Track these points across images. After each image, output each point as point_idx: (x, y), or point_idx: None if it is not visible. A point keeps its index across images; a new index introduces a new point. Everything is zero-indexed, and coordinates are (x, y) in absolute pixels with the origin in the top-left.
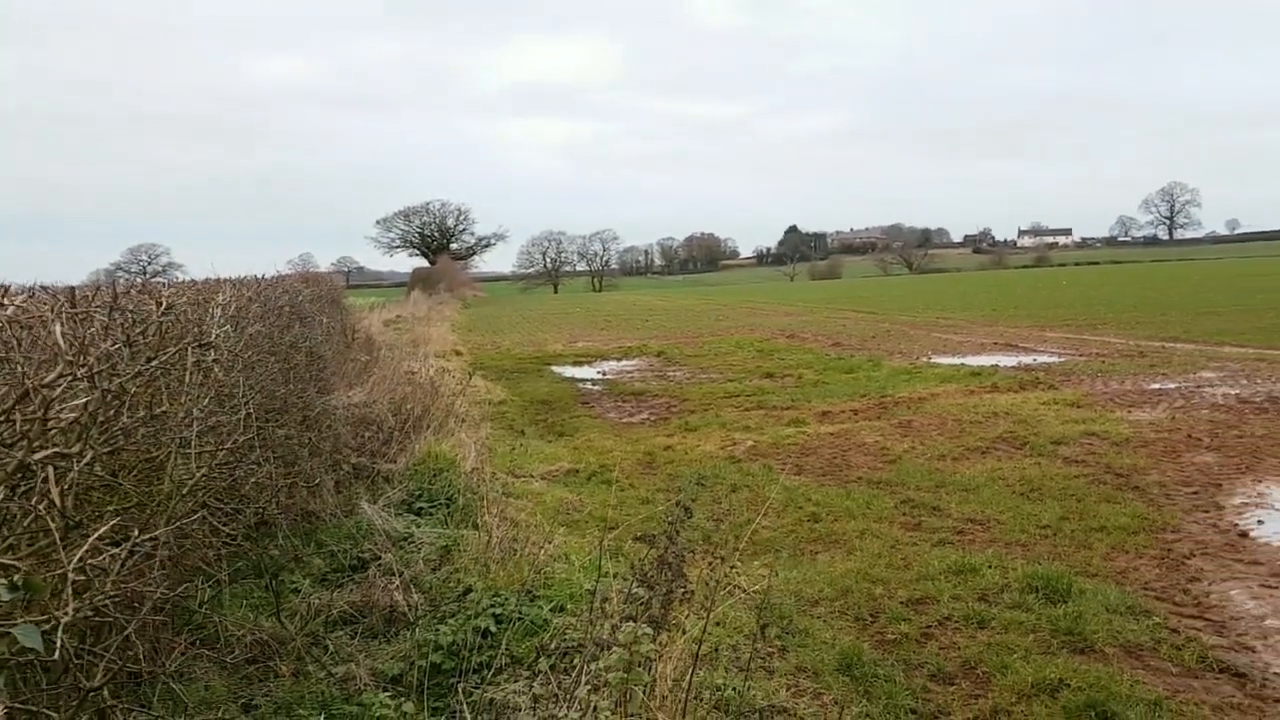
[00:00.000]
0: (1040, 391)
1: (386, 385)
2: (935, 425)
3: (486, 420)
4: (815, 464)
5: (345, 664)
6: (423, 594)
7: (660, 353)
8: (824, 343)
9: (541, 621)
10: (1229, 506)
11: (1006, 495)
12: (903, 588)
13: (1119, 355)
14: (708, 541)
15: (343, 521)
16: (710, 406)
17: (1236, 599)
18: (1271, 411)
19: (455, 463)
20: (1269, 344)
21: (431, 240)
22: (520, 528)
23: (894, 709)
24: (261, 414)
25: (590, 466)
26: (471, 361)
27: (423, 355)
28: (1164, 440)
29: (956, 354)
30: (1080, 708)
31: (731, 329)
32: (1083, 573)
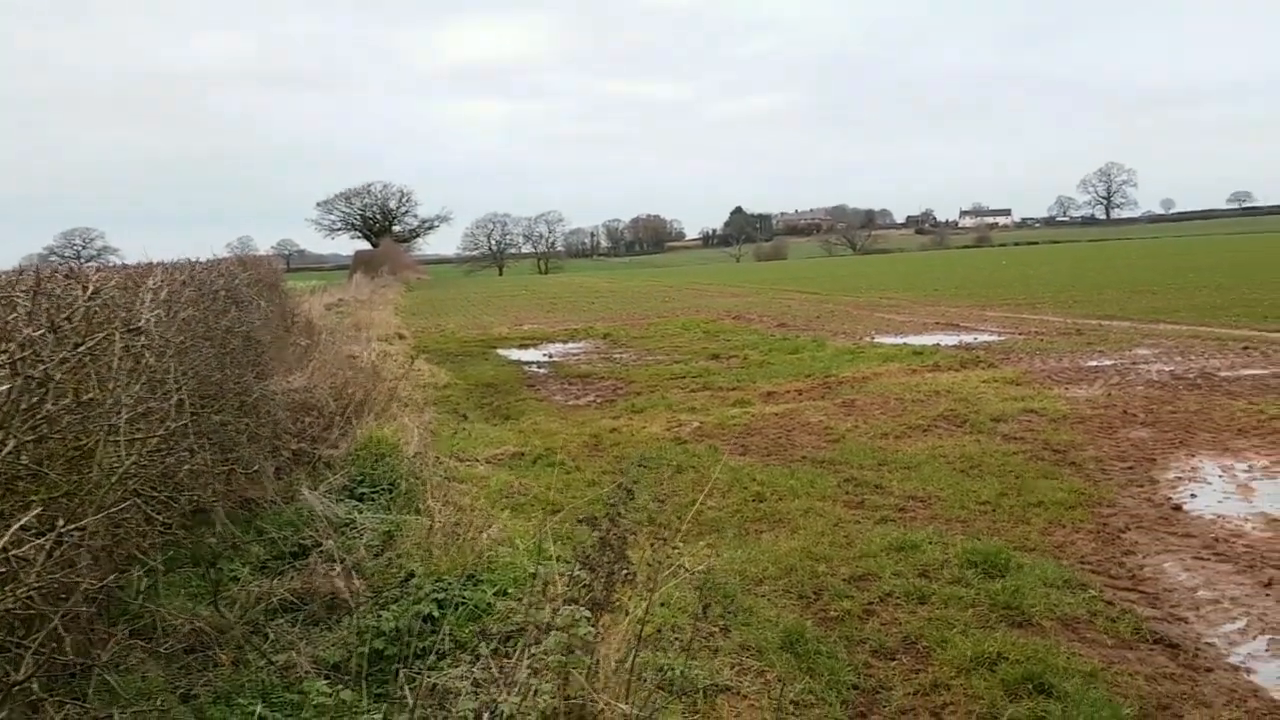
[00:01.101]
0: (980, 370)
1: (327, 370)
2: (878, 404)
3: (430, 404)
4: (760, 444)
5: (286, 652)
6: (365, 580)
7: (606, 335)
8: (769, 324)
9: (485, 606)
10: (1163, 481)
11: (947, 472)
12: (845, 565)
13: (1057, 333)
14: (652, 523)
15: (283, 508)
16: (656, 388)
17: (1170, 571)
18: (1204, 387)
19: (398, 447)
20: (1202, 321)
21: (374, 223)
22: (464, 512)
23: (836, 685)
24: (196, 400)
25: (536, 449)
26: (415, 345)
27: (365, 339)
28: (1100, 417)
29: (899, 334)
30: (1018, 680)
31: (678, 310)
32: (1021, 547)
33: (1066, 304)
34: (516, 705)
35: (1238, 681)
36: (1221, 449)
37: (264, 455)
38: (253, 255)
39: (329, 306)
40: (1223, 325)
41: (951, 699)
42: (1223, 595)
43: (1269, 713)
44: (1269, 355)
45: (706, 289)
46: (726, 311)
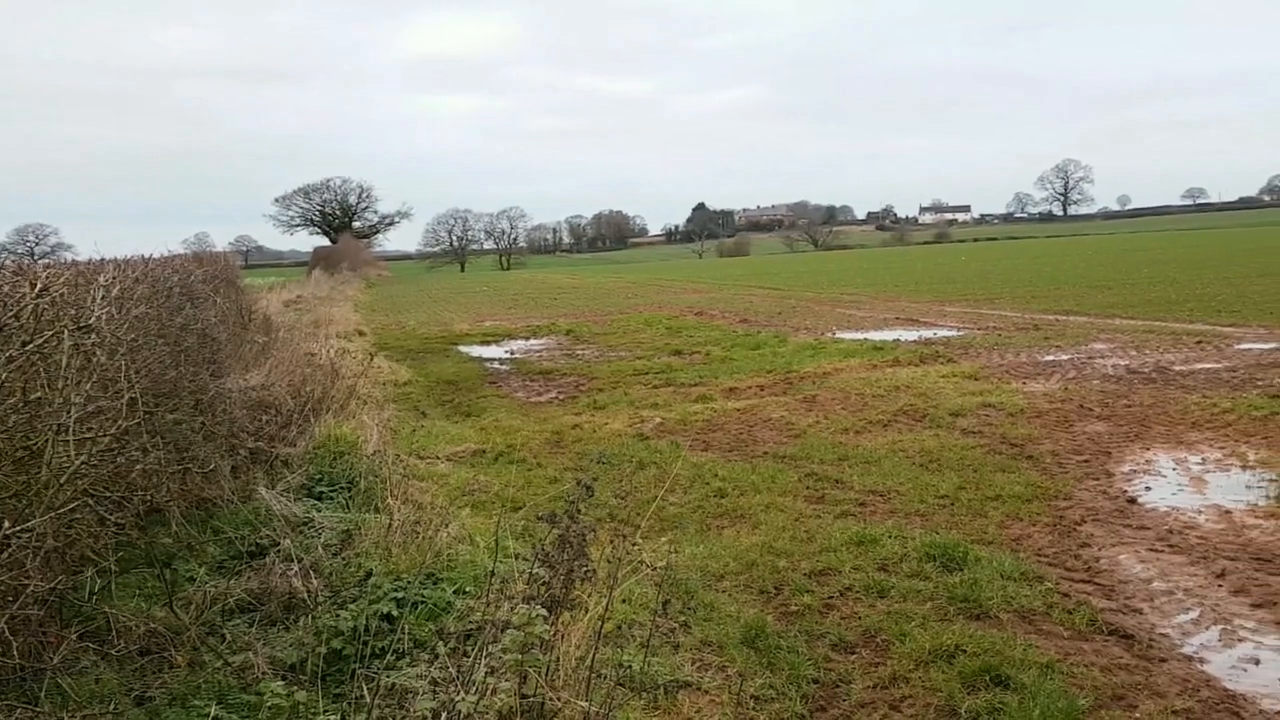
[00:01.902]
0: (940, 365)
1: (285, 367)
2: (839, 400)
3: (390, 402)
4: (722, 440)
5: (243, 653)
6: (323, 580)
7: (569, 331)
8: (731, 320)
9: (444, 604)
10: (1118, 474)
11: (906, 467)
12: (806, 560)
13: (1015, 329)
14: (614, 519)
15: (240, 507)
16: (619, 384)
17: (1125, 563)
18: (1159, 381)
19: (357, 445)
20: (1156, 316)
21: (333, 218)
22: (424, 510)
23: (796, 679)
24: (149, 399)
25: (497, 447)
26: (375, 342)
27: (324, 336)
28: (1057, 410)
29: (860, 329)
30: (975, 672)
31: (640, 306)
32: (979, 541)
33: (1024, 299)
34: (474, 704)
35: (1191, 671)
36: (1176, 442)
37: (220, 454)
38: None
39: (287, 303)
40: (1177, 320)
41: (910, 692)
42: (1176, 586)
43: (1221, 702)
44: (1222, 350)
45: (669, 285)
46: (689, 308)
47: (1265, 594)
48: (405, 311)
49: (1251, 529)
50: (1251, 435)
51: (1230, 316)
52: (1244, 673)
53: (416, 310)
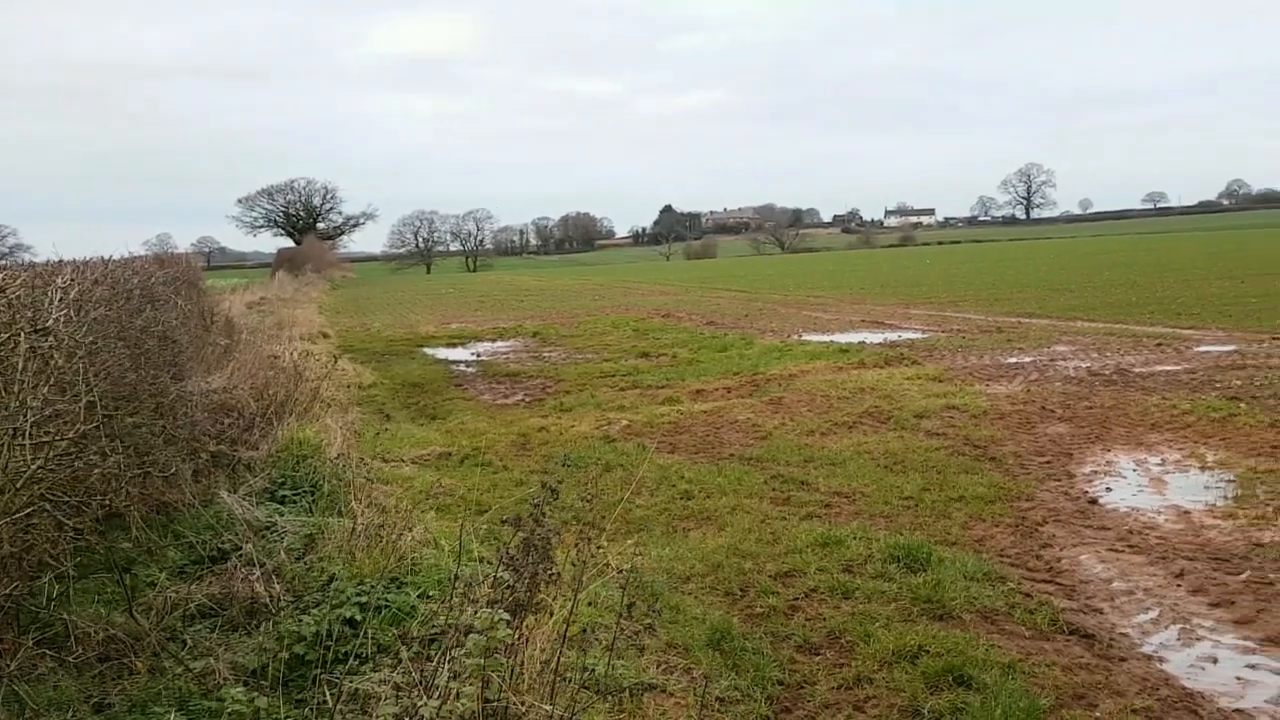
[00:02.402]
0: (904, 367)
1: (248, 370)
2: (805, 402)
3: (355, 404)
4: (689, 442)
5: (204, 658)
6: (285, 584)
7: (536, 333)
8: (698, 322)
9: (409, 609)
10: (1079, 475)
11: (871, 468)
12: (771, 562)
13: (978, 331)
14: (580, 522)
15: (201, 512)
16: (586, 387)
17: (1086, 563)
18: (1119, 383)
19: (320, 449)
20: (1117, 319)
21: (297, 219)
22: (388, 514)
23: (761, 681)
24: (109, 402)
25: (463, 449)
26: (339, 344)
27: (287, 339)
28: (1019, 412)
29: (826, 331)
30: (939, 673)
31: (608, 309)
32: (942, 541)
33: (988, 302)
34: (436, 709)
35: (1150, 670)
36: (1136, 443)
37: (181, 458)
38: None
39: (250, 305)
40: (1138, 322)
41: (874, 692)
42: (1136, 586)
43: (1180, 700)
44: (1181, 352)
45: (636, 287)
46: (656, 310)
47: (1223, 593)
48: (370, 313)
49: (1210, 529)
50: (1210, 436)
51: (1189, 319)
52: (1202, 671)
53: (382, 312)
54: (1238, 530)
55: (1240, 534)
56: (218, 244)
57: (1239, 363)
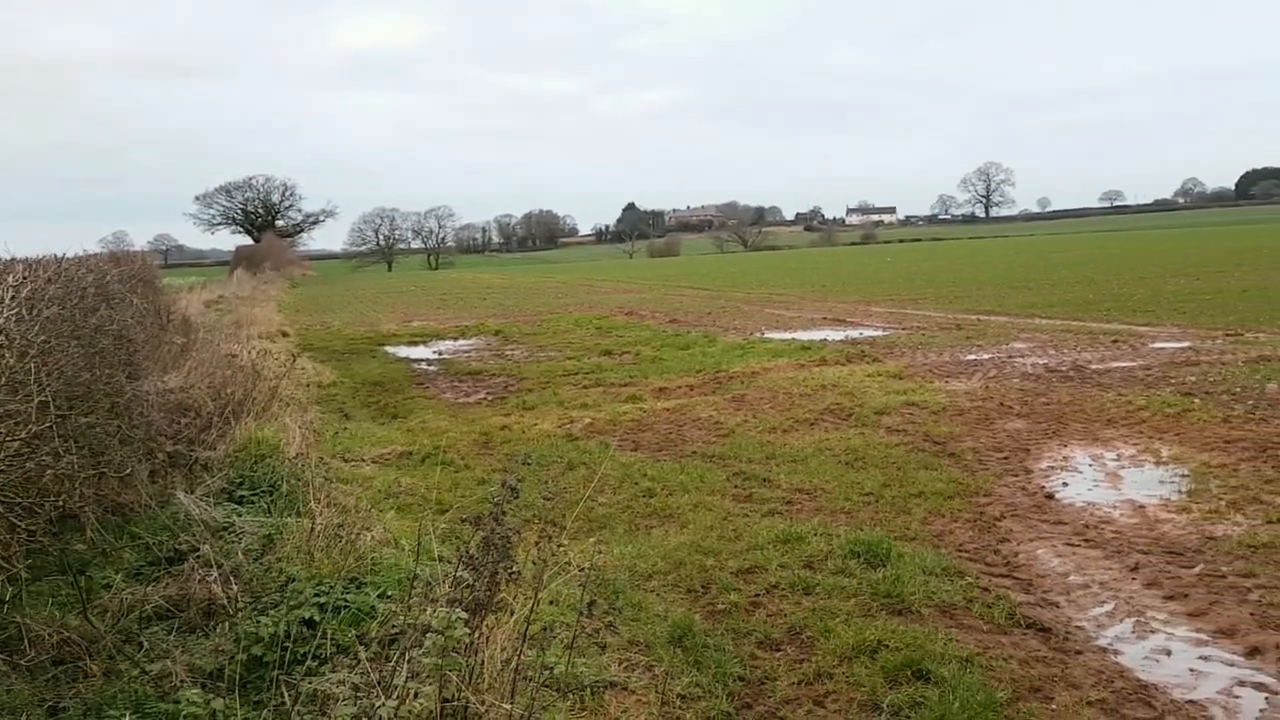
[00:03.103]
0: (865, 364)
1: (205, 369)
2: (767, 399)
3: (314, 404)
4: (651, 439)
5: (161, 660)
6: (243, 585)
7: (498, 331)
8: (662, 320)
9: (368, 609)
10: (1037, 470)
11: (832, 465)
12: (733, 558)
13: (938, 328)
14: (541, 520)
15: (158, 513)
16: (548, 385)
17: (1042, 558)
18: (1076, 379)
19: (279, 448)
20: (1074, 316)
21: (256, 217)
22: (348, 513)
23: (723, 677)
24: (63, 402)
25: (425, 448)
26: (299, 343)
27: (245, 337)
28: (978, 408)
29: (788, 329)
30: (898, 667)
31: (570, 306)
32: (902, 537)
33: (947, 300)
34: (394, 709)
35: (1105, 663)
36: (1092, 439)
37: (137, 458)
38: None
39: (208, 304)
40: (1094, 319)
41: (834, 687)
42: (1092, 580)
43: (1134, 692)
44: (1137, 348)
45: (599, 285)
46: (619, 308)
47: (1176, 586)
48: (330, 312)
49: (1164, 523)
50: (1165, 432)
51: (1145, 316)
52: (1156, 663)
53: (342, 310)
54: (1191, 524)
55: (1194, 528)
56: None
57: (1193, 359)
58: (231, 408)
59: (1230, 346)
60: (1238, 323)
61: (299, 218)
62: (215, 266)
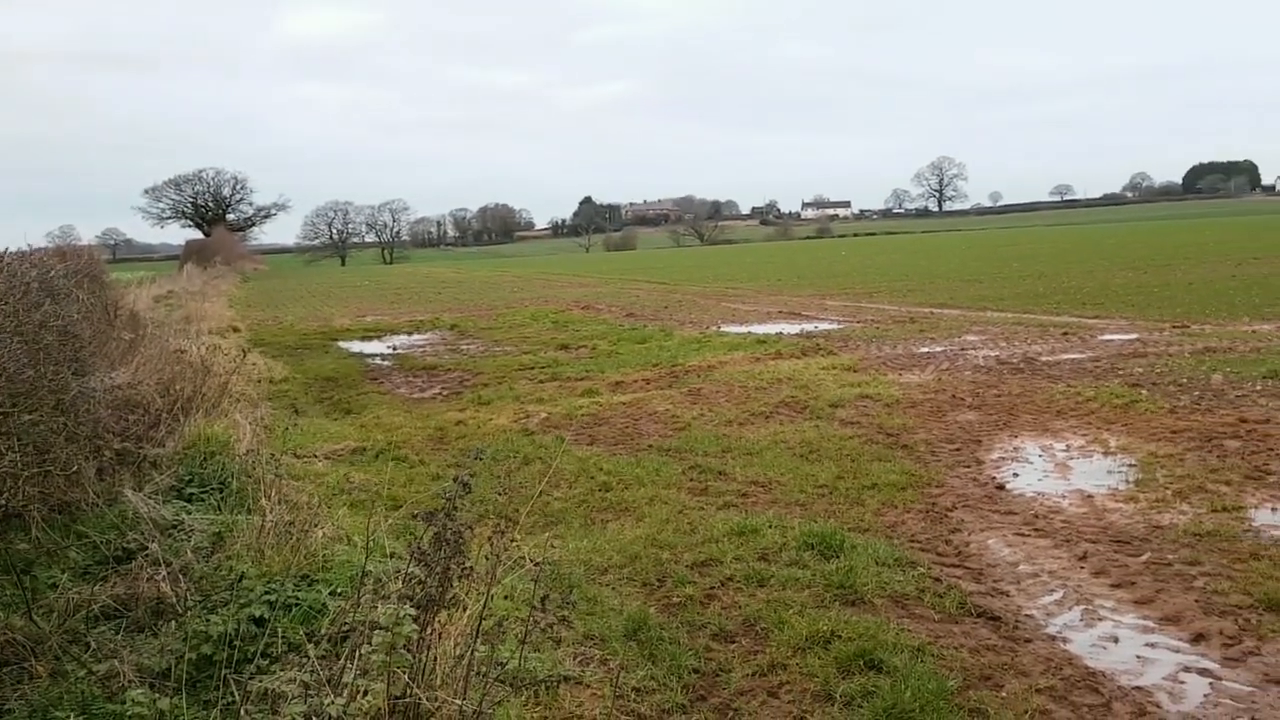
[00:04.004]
0: (820, 357)
1: (153, 365)
2: (723, 392)
3: (265, 400)
4: (608, 434)
5: (108, 661)
6: (193, 584)
7: (454, 326)
8: (618, 313)
9: (320, 606)
10: (988, 461)
11: (787, 457)
12: (688, 551)
13: (892, 321)
14: (497, 515)
15: (105, 511)
16: (504, 379)
17: (993, 547)
18: (1026, 371)
19: (229, 445)
20: (1026, 308)
21: (206, 210)
22: (300, 510)
23: (677, 670)
24: (4, 399)
25: (378, 444)
26: (250, 338)
27: (195, 333)
28: (931, 401)
29: (744, 323)
30: (850, 657)
31: (527, 301)
32: (855, 528)
33: (901, 293)
34: (342, 707)
35: (1054, 651)
36: (1042, 430)
37: (84, 456)
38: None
39: (158, 299)
40: (1045, 312)
41: (788, 678)
42: (1042, 569)
43: (1083, 679)
44: (1086, 340)
45: (555, 279)
46: (575, 302)
47: (1124, 574)
48: (283, 306)
49: (1112, 512)
50: (1113, 422)
51: (1094, 309)
52: (1104, 651)
53: (294, 305)
54: (1138, 513)
55: (1141, 517)
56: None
57: (1140, 351)
58: (181, 404)
59: (1177, 338)
60: (1184, 315)
61: (250, 211)
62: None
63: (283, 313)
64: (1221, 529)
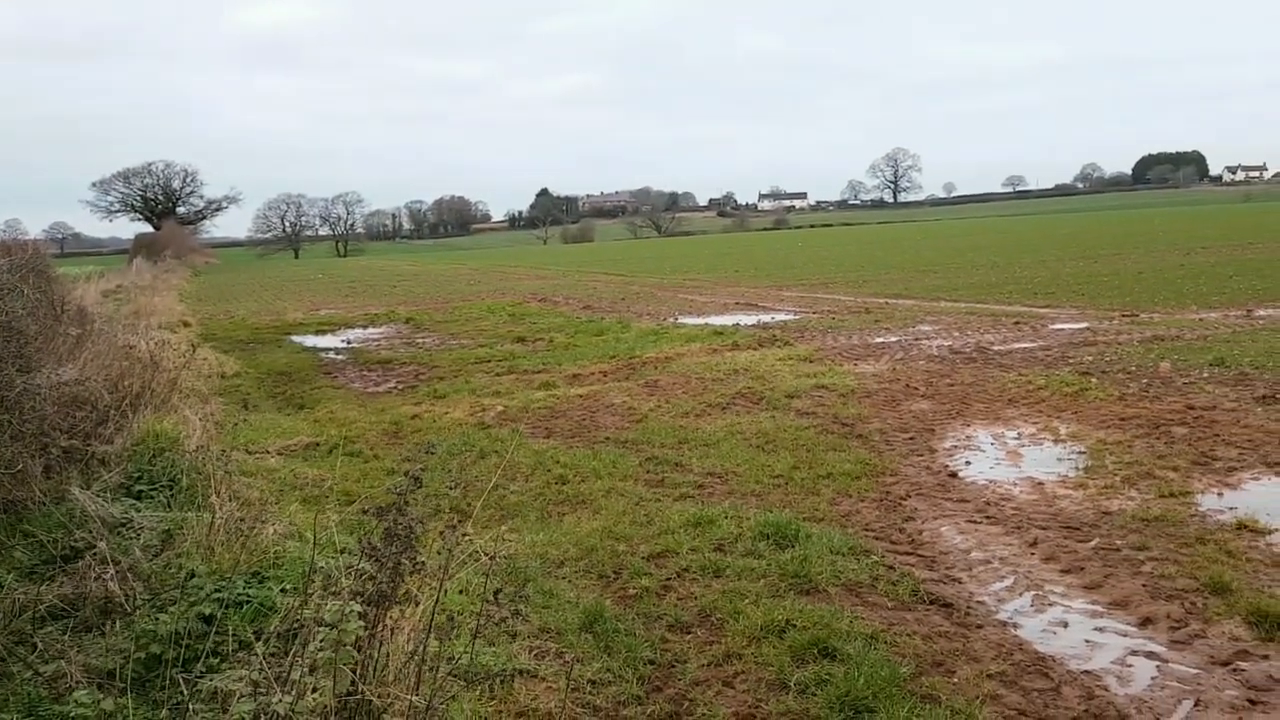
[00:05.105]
0: (777, 348)
1: (101, 361)
2: (680, 384)
3: (216, 395)
4: (564, 426)
5: (55, 661)
6: (142, 582)
7: (409, 319)
8: (575, 306)
9: (270, 604)
10: (941, 450)
11: (744, 448)
12: (645, 543)
13: (848, 312)
14: (453, 510)
15: (52, 509)
16: (460, 373)
17: (946, 535)
18: (979, 360)
19: (179, 441)
20: (978, 298)
21: (156, 204)
22: (251, 506)
23: (633, 662)
24: None
25: (332, 439)
26: (201, 333)
27: (144, 328)
28: (886, 390)
29: (701, 314)
30: (805, 646)
31: (483, 293)
32: (810, 518)
33: (857, 283)
34: (290, 705)
35: (1005, 636)
36: (994, 418)
37: (30, 454)
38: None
39: (106, 293)
40: (997, 302)
41: (743, 668)
42: (993, 556)
43: (1033, 664)
44: (1037, 330)
45: (513, 271)
46: (533, 294)
47: (1073, 560)
48: (234, 300)
49: (1062, 499)
50: (1063, 410)
51: (1045, 298)
52: (1054, 635)
53: (247, 299)
54: (1088, 499)
55: (1090, 503)
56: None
57: (1090, 339)
58: (129, 400)
59: (1126, 327)
60: (1133, 304)
61: (201, 204)
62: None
63: (235, 307)
64: (1168, 514)
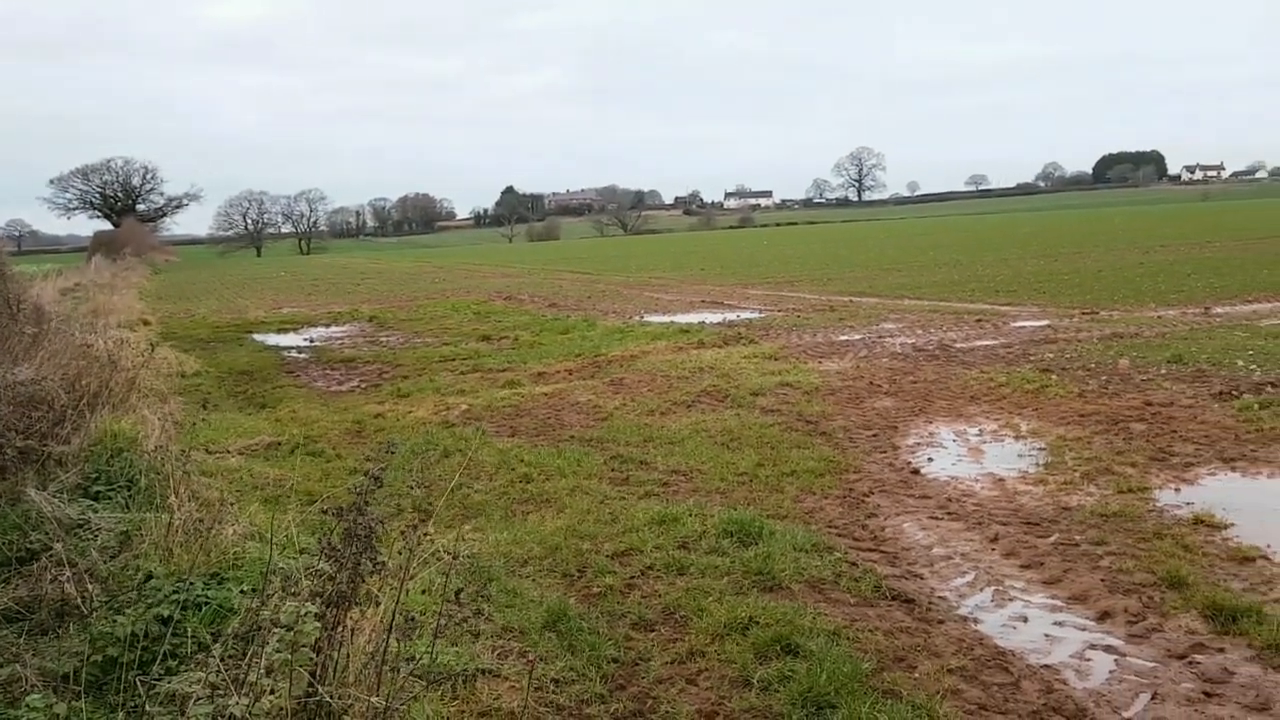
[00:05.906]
0: (742, 346)
1: (58, 360)
2: (645, 382)
3: (176, 394)
4: (529, 425)
5: (9, 665)
6: (99, 584)
7: (373, 317)
8: (541, 304)
9: (230, 605)
10: (903, 446)
11: (708, 446)
12: (609, 541)
13: (812, 310)
14: (416, 509)
15: (7, 511)
16: (424, 371)
17: (908, 531)
18: (942, 358)
19: (137, 441)
20: (941, 297)
21: (115, 201)
22: (210, 507)
23: (597, 660)
24: None
25: (294, 438)
26: (161, 331)
27: (103, 326)
28: (849, 388)
29: (667, 312)
30: (768, 642)
31: (448, 292)
32: (774, 515)
33: (821, 282)
34: (247, 707)
35: (966, 631)
36: (956, 415)
37: None
38: None
39: (64, 292)
40: (960, 300)
41: (706, 665)
42: (954, 551)
43: (993, 659)
44: (999, 327)
45: (478, 269)
46: (498, 292)
47: (1033, 555)
48: (195, 299)
49: (1022, 495)
50: (1024, 407)
51: (1007, 296)
52: (1014, 630)
53: (208, 297)
54: (1047, 495)
55: (1050, 499)
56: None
57: (1051, 337)
58: (87, 400)
59: (1086, 324)
60: (1093, 301)
61: (161, 201)
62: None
63: (195, 305)
64: (1127, 509)
